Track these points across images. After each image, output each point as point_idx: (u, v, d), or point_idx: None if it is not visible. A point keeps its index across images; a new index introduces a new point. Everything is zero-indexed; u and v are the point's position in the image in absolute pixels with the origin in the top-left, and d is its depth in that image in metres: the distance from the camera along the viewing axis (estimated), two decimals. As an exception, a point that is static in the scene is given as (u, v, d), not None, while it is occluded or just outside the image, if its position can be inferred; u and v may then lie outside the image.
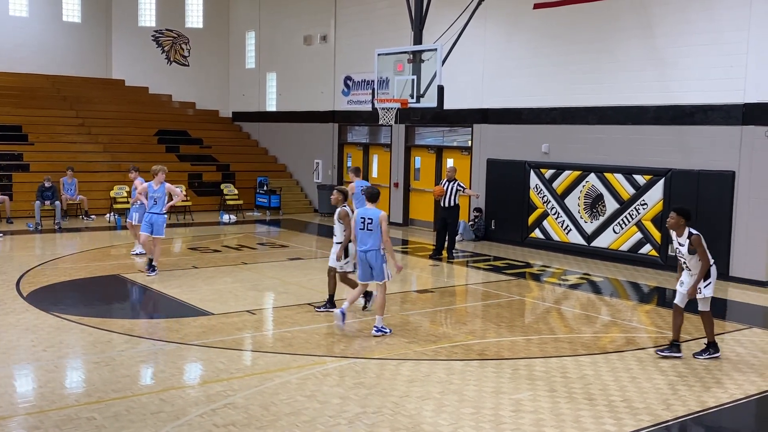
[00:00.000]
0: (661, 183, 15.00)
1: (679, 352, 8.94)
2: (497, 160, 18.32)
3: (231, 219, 21.56)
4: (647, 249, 15.32)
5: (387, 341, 9.41)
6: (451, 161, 19.43)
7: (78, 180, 20.82)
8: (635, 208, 15.45)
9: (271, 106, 26.90)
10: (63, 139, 23.66)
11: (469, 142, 19.22)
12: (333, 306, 10.69)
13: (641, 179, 15.35)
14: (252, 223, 21.59)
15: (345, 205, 10.69)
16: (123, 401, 7.13)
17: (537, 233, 17.49)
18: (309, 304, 11.30)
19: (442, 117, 18.69)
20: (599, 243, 16.17)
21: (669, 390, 7.84)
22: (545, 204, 17.24)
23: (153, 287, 12.38)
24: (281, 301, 11.70)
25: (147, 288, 12.40)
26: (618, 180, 15.75)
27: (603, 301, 12.36)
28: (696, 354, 9.03)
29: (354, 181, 13.91)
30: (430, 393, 7.54)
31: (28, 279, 12.73)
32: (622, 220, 15.71)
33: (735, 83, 13.80)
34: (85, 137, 24.18)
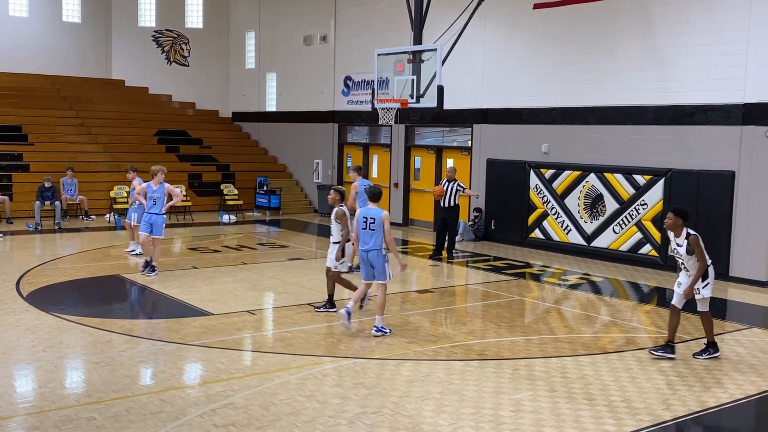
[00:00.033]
0: (661, 183, 15.01)
1: (673, 353, 8.90)
2: (497, 160, 18.32)
3: (231, 219, 21.55)
4: (647, 249, 15.32)
5: (387, 341, 9.41)
6: (451, 161, 19.43)
7: (78, 180, 20.81)
8: (635, 208, 15.45)
9: (271, 106, 26.89)
10: (63, 140, 23.66)
11: (469, 142, 19.22)
12: (333, 306, 10.70)
13: (641, 179, 15.35)
14: (252, 224, 21.59)
15: (342, 205, 10.68)
16: (123, 401, 7.13)
17: (537, 233, 17.48)
18: (309, 304, 11.30)
19: (442, 117, 18.68)
20: (599, 243, 16.17)
21: (669, 390, 7.84)
22: (545, 204, 17.24)
23: (153, 287, 12.38)
24: (281, 302, 11.70)
25: (147, 288, 12.41)
26: (618, 180, 15.74)
27: (603, 301, 12.36)
28: (696, 354, 9.03)
29: (356, 181, 13.82)
30: (429, 393, 7.54)
31: (28, 279, 12.73)
32: (622, 220, 15.71)
33: (735, 83, 13.81)
34: (85, 137, 24.18)
